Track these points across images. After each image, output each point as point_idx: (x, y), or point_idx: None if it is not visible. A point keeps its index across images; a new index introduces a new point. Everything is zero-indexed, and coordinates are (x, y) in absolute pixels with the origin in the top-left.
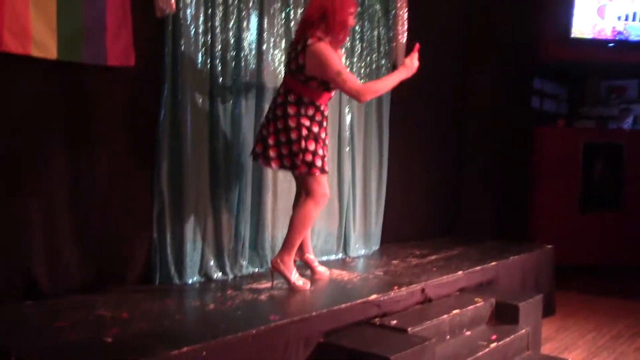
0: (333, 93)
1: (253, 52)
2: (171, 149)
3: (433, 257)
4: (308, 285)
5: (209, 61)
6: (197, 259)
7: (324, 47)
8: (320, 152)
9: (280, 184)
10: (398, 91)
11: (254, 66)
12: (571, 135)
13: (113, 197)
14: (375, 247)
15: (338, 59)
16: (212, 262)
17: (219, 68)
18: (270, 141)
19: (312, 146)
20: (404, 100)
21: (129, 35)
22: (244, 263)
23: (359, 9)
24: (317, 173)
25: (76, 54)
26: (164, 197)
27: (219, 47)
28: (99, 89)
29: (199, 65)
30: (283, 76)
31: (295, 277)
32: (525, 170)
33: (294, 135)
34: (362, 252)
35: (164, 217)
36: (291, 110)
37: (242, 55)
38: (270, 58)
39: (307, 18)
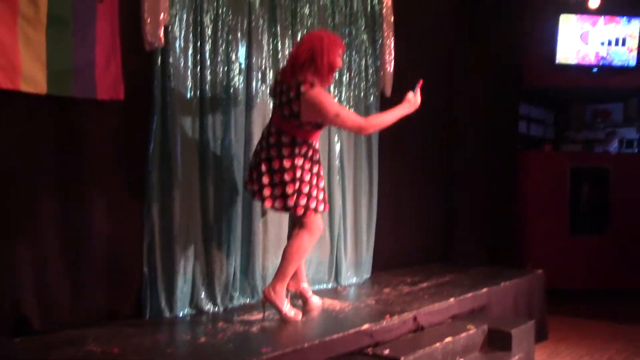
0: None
1: (242, 83)
2: (161, 181)
3: (424, 285)
4: (300, 316)
5: (198, 93)
6: (187, 291)
7: (317, 93)
8: (314, 193)
9: (271, 213)
10: None
11: (243, 97)
12: (558, 159)
13: (103, 231)
14: (367, 275)
15: (332, 99)
16: (203, 294)
17: (209, 100)
18: (265, 180)
19: (306, 189)
20: (393, 128)
21: (119, 69)
22: (235, 294)
23: (346, 39)
24: (312, 214)
25: (66, 88)
26: (154, 229)
27: (209, 78)
28: (88, 123)
29: (189, 97)
30: (272, 115)
31: (287, 307)
32: (515, 194)
33: (287, 177)
34: (354, 280)
35: (154, 250)
36: (285, 152)
37: (231, 86)
38: (258, 89)
39: (295, 59)
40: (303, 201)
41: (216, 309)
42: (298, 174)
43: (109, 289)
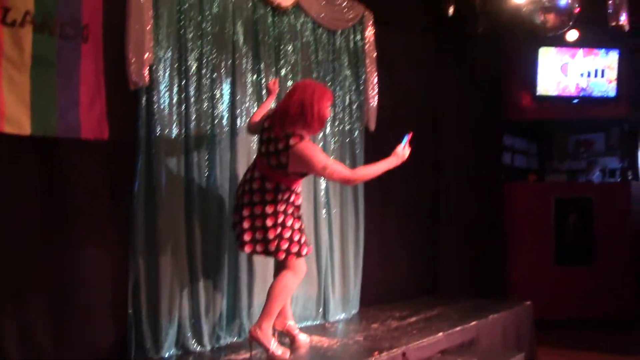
0: None
1: (226, 121)
2: (147, 220)
3: (413, 319)
4: (287, 355)
5: (183, 131)
6: (173, 332)
7: (305, 146)
8: (295, 238)
9: None
10: (373, 155)
11: (227, 134)
12: (542, 189)
13: (88, 271)
14: (355, 310)
15: (320, 151)
16: (189, 334)
17: (194, 137)
18: (245, 225)
19: (287, 234)
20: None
21: (103, 108)
22: (222, 333)
23: (330, 75)
24: (294, 258)
25: (50, 128)
26: (139, 269)
27: (193, 116)
28: (73, 163)
29: (174, 135)
30: (256, 159)
31: (274, 346)
32: (500, 226)
33: (269, 222)
34: (342, 316)
35: (140, 290)
36: (268, 197)
37: (215, 124)
38: (243, 126)
39: (286, 111)
40: (285, 246)
41: (203, 348)
42: (280, 219)
43: (93, 331)
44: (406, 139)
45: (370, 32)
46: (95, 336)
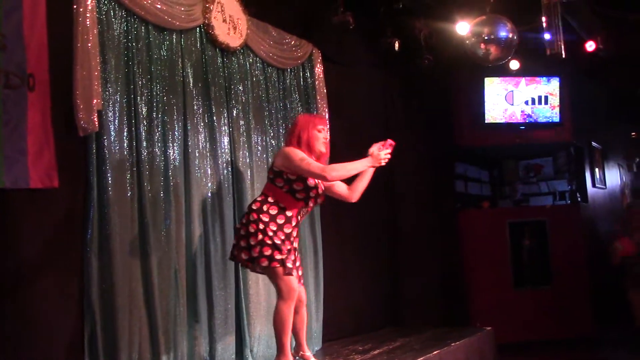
0: (304, 207)
1: (179, 163)
2: (101, 269)
3: (376, 352)
4: None
5: (135, 175)
6: None
7: (292, 148)
8: (280, 247)
9: (215, 291)
10: None
11: (181, 177)
12: (496, 215)
13: (41, 325)
14: (318, 347)
15: (305, 155)
16: None
17: (147, 182)
18: (242, 242)
19: (269, 241)
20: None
21: (52, 157)
22: None
23: (281, 112)
24: (277, 266)
25: None
26: (95, 320)
27: (146, 160)
28: (23, 213)
29: (126, 180)
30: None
31: None
32: (458, 253)
33: (252, 229)
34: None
35: (97, 341)
36: (255, 206)
37: (169, 166)
38: (196, 167)
39: (286, 135)
40: (267, 252)
41: None
42: (261, 227)
43: None
44: (384, 144)
45: (319, 69)
46: None
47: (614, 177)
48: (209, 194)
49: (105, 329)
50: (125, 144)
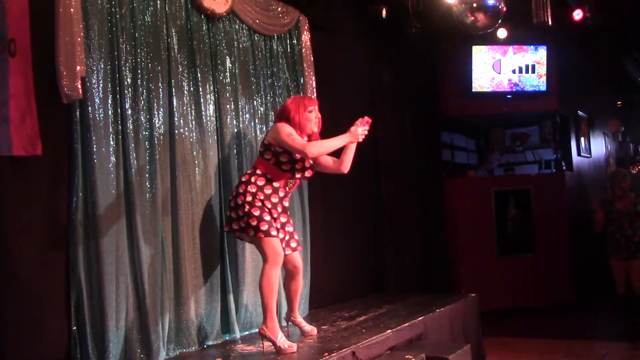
0: (290, 179)
1: (164, 130)
2: (86, 234)
3: (362, 318)
4: (294, 348)
5: (120, 143)
6: (120, 347)
7: (282, 124)
8: (266, 217)
9: (201, 257)
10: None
11: (167, 144)
12: (482, 184)
13: (26, 290)
14: (304, 313)
15: (294, 131)
16: (137, 347)
17: (132, 149)
18: (232, 213)
19: (256, 212)
20: None
21: (35, 124)
22: (170, 346)
23: (269, 80)
24: (262, 236)
25: None
26: (81, 286)
27: (131, 128)
28: (6, 180)
29: (111, 148)
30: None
31: (281, 340)
32: (444, 221)
33: (239, 200)
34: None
35: (83, 307)
36: (244, 178)
37: (154, 134)
38: (182, 134)
39: (275, 116)
40: (253, 223)
41: None
42: (248, 198)
43: (36, 350)
44: (362, 121)
45: (306, 36)
46: (39, 355)
47: (599, 146)
48: (195, 161)
49: (91, 296)
50: (109, 112)
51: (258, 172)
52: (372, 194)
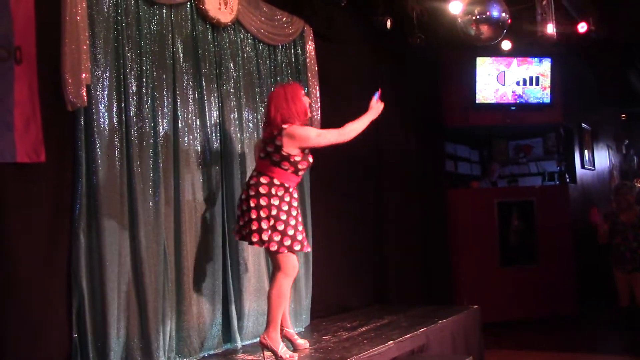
0: (301, 177)
1: (169, 138)
2: (89, 242)
3: (363, 329)
4: (295, 358)
5: (124, 151)
6: (121, 354)
7: (297, 127)
8: (289, 232)
9: (203, 267)
10: (317, 168)
11: (171, 153)
12: (485, 195)
13: (29, 298)
14: (306, 323)
15: (312, 128)
16: (139, 358)
17: (135, 157)
18: (243, 217)
19: (280, 226)
20: (324, 173)
21: (39, 131)
22: (172, 354)
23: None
24: (285, 251)
25: None
26: (83, 292)
27: (135, 135)
28: (10, 187)
29: (116, 155)
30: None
31: (282, 350)
32: (446, 232)
33: (263, 214)
34: (294, 330)
35: (84, 314)
36: (263, 190)
37: (158, 142)
38: (185, 143)
39: (267, 118)
40: (277, 237)
41: None
42: (274, 212)
43: (36, 358)
44: (377, 95)
45: (310, 46)
46: None
47: (603, 158)
48: (198, 170)
49: (93, 304)
50: (114, 119)
51: (276, 181)
52: (374, 204)
